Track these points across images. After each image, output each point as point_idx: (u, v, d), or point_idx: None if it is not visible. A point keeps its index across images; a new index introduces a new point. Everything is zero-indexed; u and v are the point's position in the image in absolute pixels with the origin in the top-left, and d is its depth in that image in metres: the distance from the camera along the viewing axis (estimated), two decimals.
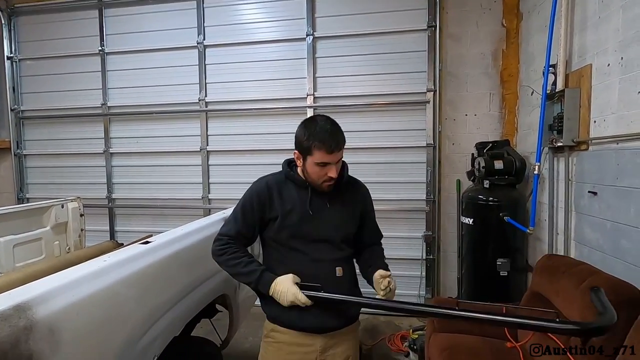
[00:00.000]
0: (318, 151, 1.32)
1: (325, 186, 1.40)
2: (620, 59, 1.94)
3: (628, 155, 1.87)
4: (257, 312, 1.30)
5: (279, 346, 1.44)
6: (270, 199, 1.42)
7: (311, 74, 3.65)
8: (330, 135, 1.33)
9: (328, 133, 1.33)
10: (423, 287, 3.62)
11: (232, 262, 1.39)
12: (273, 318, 1.46)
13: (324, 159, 1.33)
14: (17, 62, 4.28)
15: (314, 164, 1.35)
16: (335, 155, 1.34)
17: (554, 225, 2.63)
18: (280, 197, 1.42)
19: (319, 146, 1.32)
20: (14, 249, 2.36)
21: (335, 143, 1.33)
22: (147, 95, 4.01)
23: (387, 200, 3.54)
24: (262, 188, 1.44)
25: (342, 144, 1.37)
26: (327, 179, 1.37)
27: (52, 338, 0.94)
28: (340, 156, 1.37)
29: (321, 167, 1.35)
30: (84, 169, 4.24)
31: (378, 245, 1.60)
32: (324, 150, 1.32)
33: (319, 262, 1.40)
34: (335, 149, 1.33)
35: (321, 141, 1.32)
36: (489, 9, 3.44)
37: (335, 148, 1.33)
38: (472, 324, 2.21)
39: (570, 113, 2.32)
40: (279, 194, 1.42)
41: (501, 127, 3.50)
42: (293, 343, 1.42)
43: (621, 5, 1.93)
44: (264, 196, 1.42)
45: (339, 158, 1.36)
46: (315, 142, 1.32)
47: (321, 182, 1.39)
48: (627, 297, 1.54)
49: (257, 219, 1.43)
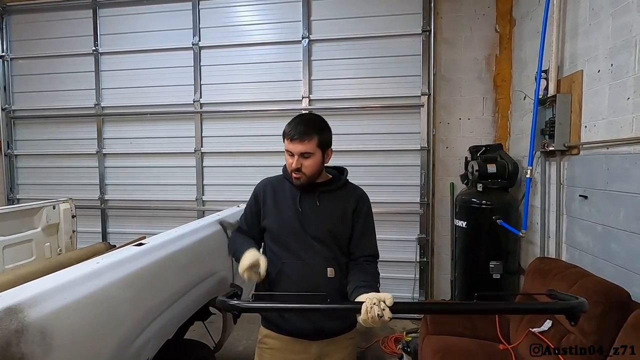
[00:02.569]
0: (285, 139, 1.40)
1: (293, 177, 1.41)
2: (610, 66, 1.98)
3: (618, 160, 1.90)
4: (251, 316, 1.29)
5: (273, 352, 1.43)
6: (265, 197, 1.48)
7: (306, 76, 3.66)
8: (295, 124, 1.38)
9: (294, 122, 1.39)
10: (417, 290, 3.63)
11: (234, 242, 1.52)
12: (267, 322, 1.46)
13: (288, 146, 1.39)
14: (8, 61, 4.22)
15: (285, 152, 1.42)
16: (295, 145, 1.36)
17: (546, 228, 2.66)
18: (274, 195, 1.47)
19: (284, 134, 1.40)
20: (4, 250, 2.32)
21: (296, 132, 1.35)
22: (141, 96, 3.98)
23: (381, 202, 3.56)
24: (259, 187, 1.53)
25: (305, 136, 1.35)
26: (292, 169, 1.39)
27: (44, 341, 0.93)
28: (302, 149, 1.36)
29: (290, 156, 1.40)
30: (76, 169, 4.19)
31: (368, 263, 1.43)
32: (287, 138, 1.39)
33: (310, 260, 1.39)
34: (295, 139, 1.35)
35: (286, 131, 1.39)
36: (482, 15, 3.49)
37: (294, 137, 1.35)
38: (465, 327, 2.23)
39: (562, 118, 2.36)
40: (273, 193, 1.48)
41: (494, 131, 3.54)
42: (287, 350, 1.41)
43: (611, 13, 1.98)
44: (260, 195, 1.50)
45: (301, 150, 1.36)
46: (285, 131, 1.40)
47: (290, 173, 1.42)
48: (616, 299, 1.57)
49: (255, 216, 1.50)
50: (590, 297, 1.59)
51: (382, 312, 1.05)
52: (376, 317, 1.05)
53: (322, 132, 1.40)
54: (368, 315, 1.05)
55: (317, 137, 1.37)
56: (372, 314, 1.05)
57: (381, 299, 1.07)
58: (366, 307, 1.06)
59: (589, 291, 1.63)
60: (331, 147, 1.46)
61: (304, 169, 1.38)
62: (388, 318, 1.06)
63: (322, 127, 1.41)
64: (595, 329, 1.55)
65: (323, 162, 1.43)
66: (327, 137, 1.42)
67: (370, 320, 1.06)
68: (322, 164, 1.43)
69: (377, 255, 1.48)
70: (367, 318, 1.06)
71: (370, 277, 1.33)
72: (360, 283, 1.27)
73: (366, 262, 1.43)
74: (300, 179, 1.40)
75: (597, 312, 1.55)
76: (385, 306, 1.06)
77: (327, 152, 1.43)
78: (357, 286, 1.25)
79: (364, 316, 1.06)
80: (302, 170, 1.38)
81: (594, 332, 1.55)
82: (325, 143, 1.41)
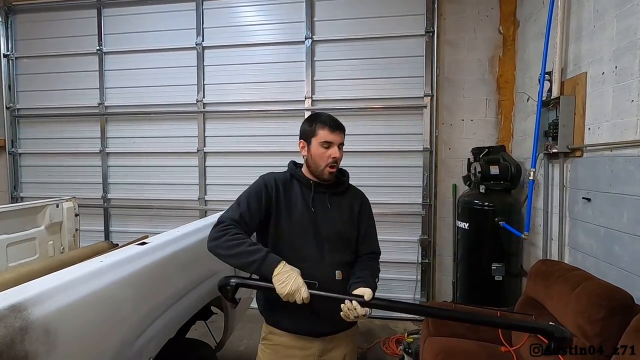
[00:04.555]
0: (322, 130, 1.40)
1: (327, 172, 1.41)
2: (614, 68, 1.97)
3: (621, 163, 1.89)
4: (253, 315, 1.30)
5: (276, 349, 1.45)
6: (277, 192, 1.42)
7: (309, 77, 3.67)
8: (332, 118, 1.44)
9: (325, 116, 1.45)
10: (418, 291, 3.63)
11: (233, 242, 1.26)
12: (271, 321, 1.46)
13: (328, 137, 1.40)
14: (13, 60, 4.25)
15: (319, 145, 1.40)
16: (338, 135, 1.41)
17: (549, 230, 2.65)
18: (285, 193, 1.44)
19: (322, 126, 1.41)
20: (8, 248, 2.33)
21: (338, 124, 1.43)
22: (145, 96, 4.00)
23: (384, 203, 3.55)
24: (271, 181, 1.44)
25: (343, 129, 1.44)
26: (330, 162, 1.40)
27: (48, 339, 0.94)
28: (341, 139, 1.43)
29: (325, 148, 1.40)
30: (79, 168, 4.21)
31: (370, 260, 1.49)
32: (327, 128, 1.40)
33: (319, 262, 1.39)
34: (338, 129, 1.41)
35: (324, 122, 1.42)
36: (486, 16, 3.48)
37: (337, 128, 1.41)
38: (467, 328, 2.23)
39: (565, 120, 2.35)
40: (284, 190, 1.44)
41: (497, 132, 3.53)
42: (290, 346, 1.43)
43: (615, 15, 1.97)
44: (271, 188, 1.42)
45: (340, 140, 1.43)
46: (319, 124, 1.42)
47: (324, 167, 1.40)
48: (620, 302, 1.56)
49: (264, 207, 1.39)
50: (593, 299, 1.59)
51: (354, 309, 1.20)
52: (350, 315, 1.21)
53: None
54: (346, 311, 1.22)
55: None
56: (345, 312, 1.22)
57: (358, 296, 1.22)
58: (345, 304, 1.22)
59: (591, 294, 1.62)
60: None
61: (339, 162, 1.43)
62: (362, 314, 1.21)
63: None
64: (598, 332, 1.55)
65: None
66: None
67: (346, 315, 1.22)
68: None
69: (379, 252, 1.56)
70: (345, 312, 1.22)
71: (368, 273, 1.39)
72: (355, 280, 1.36)
73: (369, 259, 1.49)
74: (333, 172, 1.43)
75: (600, 315, 1.55)
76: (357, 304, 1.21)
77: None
78: (352, 282, 1.35)
79: (344, 310, 1.22)
80: (338, 163, 1.43)
81: (597, 335, 1.55)
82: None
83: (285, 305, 1.24)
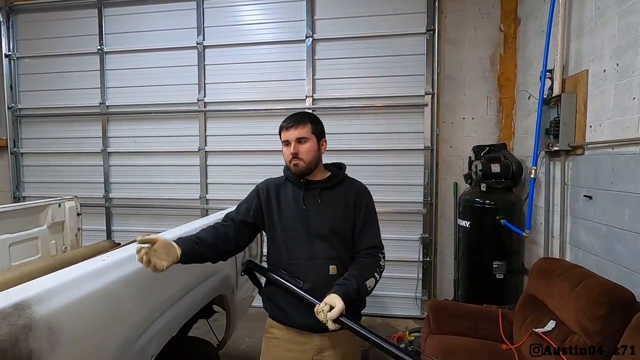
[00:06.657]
0: (281, 132, 1.50)
1: (292, 167, 1.46)
2: (615, 65, 1.97)
3: (623, 161, 1.89)
4: (254, 313, 1.32)
5: (277, 342, 1.49)
6: (267, 196, 1.52)
7: (310, 75, 3.66)
8: (287, 118, 1.50)
9: (287, 117, 1.50)
10: (419, 290, 3.63)
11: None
12: (273, 314, 1.52)
13: (284, 137, 1.48)
14: (15, 60, 4.25)
15: (282, 145, 1.50)
16: (292, 132, 1.45)
17: (550, 228, 2.65)
18: (277, 195, 1.52)
19: (280, 128, 1.50)
20: (10, 247, 2.34)
21: (289, 121, 1.47)
22: (146, 95, 4.00)
23: (385, 202, 3.55)
24: (263, 186, 1.56)
25: (299, 123, 1.46)
26: (290, 158, 1.45)
27: (51, 337, 0.94)
28: (297, 134, 1.45)
29: (286, 147, 1.47)
30: (81, 168, 4.22)
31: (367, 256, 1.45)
32: (283, 129, 1.48)
33: (312, 258, 1.43)
34: (290, 126, 1.46)
35: (281, 124, 1.50)
36: (487, 14, 3.47)
37: (290, 125, 1.46)
38: (468, 326, 2.23)
39: (567, 118, 2.34)
40: (277, 193, 1.52)
41: (498, 130, 3.53)
42: (290, 340, 1.46)
43: (617, 12, 1.96)
44: (262, 192, 1.53)
45: (296, 135, 1.45)
46: (280, 127, 1.51)
47: (289, 164, 1.47)
48: (621, 300, 1.56)
49: (252, 211, 1.51)
50: (594, 297, 1.59)
51: (325, 320, 1.25)
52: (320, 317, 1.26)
53: (314, 121, 1.50)
54: (317, 315, 1.27)
55: (310, 124, 1.47)
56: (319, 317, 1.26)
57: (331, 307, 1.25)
58: (316, 309, 1.28)
59: (592, 292, 1.62)
60: (325, 138, 1.53)
61: (301, 155, 1.44)
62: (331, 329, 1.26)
63: (314, 118, 1.53)
64: (599, 330, 1.55)
65: (319, 151, 1.49)
66: (320, 127, 1.51)
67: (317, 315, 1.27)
68: (318, 153, 1.49)
69: (379, 247, 1.50)
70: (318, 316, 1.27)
71: (356, 272, 1.38)
72: (340, 280, 1.36)
73: (365, 255, 1.46)
74: (298, 165, 1.45)
75: (601, 312, 1.55)
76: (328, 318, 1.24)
77: (321, 142, 1.51)
78: (336, 282, 1.35)
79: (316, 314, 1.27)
80: (299, 157, 1.44)
81: (598, 332, 1.55)
82: (319, 132, 1.50)
83: (282, 299, 1.41)
